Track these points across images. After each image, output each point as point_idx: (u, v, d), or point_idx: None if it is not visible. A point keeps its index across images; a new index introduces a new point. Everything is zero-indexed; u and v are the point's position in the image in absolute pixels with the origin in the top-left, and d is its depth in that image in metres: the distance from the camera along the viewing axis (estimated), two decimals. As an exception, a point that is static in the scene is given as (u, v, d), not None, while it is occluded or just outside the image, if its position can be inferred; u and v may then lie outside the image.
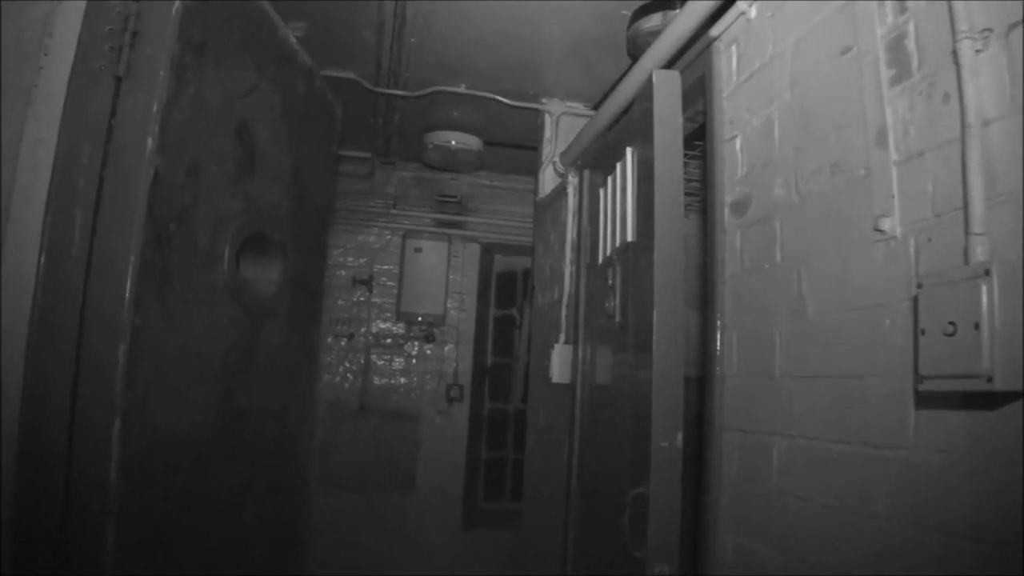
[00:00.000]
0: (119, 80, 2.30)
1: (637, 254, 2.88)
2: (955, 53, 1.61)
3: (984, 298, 1.40)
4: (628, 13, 3.66)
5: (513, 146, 5.88)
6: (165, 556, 2.48)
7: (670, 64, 2.98)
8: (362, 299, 6.71)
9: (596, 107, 4.70)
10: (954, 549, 1.54)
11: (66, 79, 2.29)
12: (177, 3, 2.35)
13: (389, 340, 6.74)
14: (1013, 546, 1.40)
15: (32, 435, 2.13)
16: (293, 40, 3.34)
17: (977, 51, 1.58)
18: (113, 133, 2.28)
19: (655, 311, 2.52)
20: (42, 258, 2.19)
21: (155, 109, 2.28)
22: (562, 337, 4.24)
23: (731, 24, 2.72)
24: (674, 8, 3.35)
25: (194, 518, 2.64)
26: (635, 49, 3.66)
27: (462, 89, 4.87)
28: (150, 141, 2.26)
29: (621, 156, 3.13)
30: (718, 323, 2.67)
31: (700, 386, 2.78)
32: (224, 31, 2.68)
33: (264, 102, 3.01)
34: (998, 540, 1.44)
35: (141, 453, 2.28)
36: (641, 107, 2.90)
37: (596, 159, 3.89)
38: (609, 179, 3.38)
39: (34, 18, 2.31)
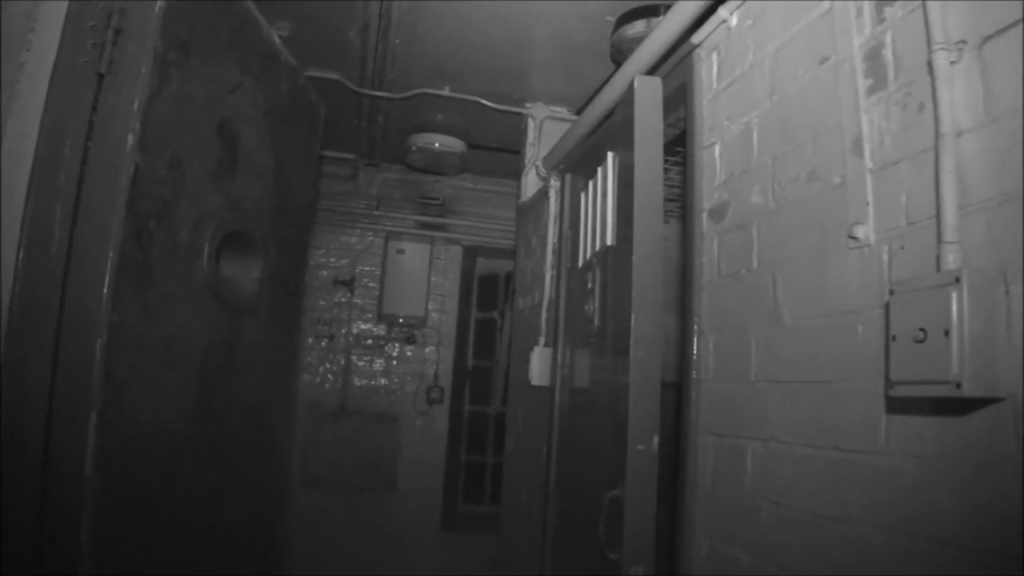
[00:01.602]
0: (101, 76, 2.30)
1: (616, 258, 2.89)
2: (930, 64, 1.63)
3: (954, 305, 1.42)
4: (613, 19, 3.69)
5: (497, 149, 5.89)
6: (143, 552, 2.47)
7: (652, 70, 3.01)
8: (343, 300, 6.70)
9: (579, 112, 4.72)
10: (926, 554, 1.56)
11: (48, 75, 2.28)
12: (161, 1, 2.35)
13: (370, 341, 6.73)
14: (983, 550, 1.42)
15: (9, 429, 2.12)
16: (277, 40, 3.34)
17: (952, 62, 1.60)
18: (94, 129, 2.27)
19: (633, 315, 2.53)
20: (21, 252, 2.18)
21: (137, 106, 2.28)
22: (542, 340, 4.25)
23: (712, 32, 2.75)
24: (658, 15, 3.38)
25: (173, 514, 2.63)
26: (619, 55, 3.69)
27: (446, 92, 4.88)
28: (131, 137, 2.26)
29: (602, 160, 3.15)
30: (695, 328, 2.69)
31: (677, 391, 2.80)
32: (208, 30, 2.68)
33: (247, 101, 3.01)
34: (968, 544, 1.46)
35: (118, 447, 2.27)
36: (623, 112, 2.92)
37: (578, 163, 3.91)
38: (590, 183, 3.40)
39: (17, 13, 2.30)
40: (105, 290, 2.18)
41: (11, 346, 2.15)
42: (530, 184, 5.02)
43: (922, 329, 1.49)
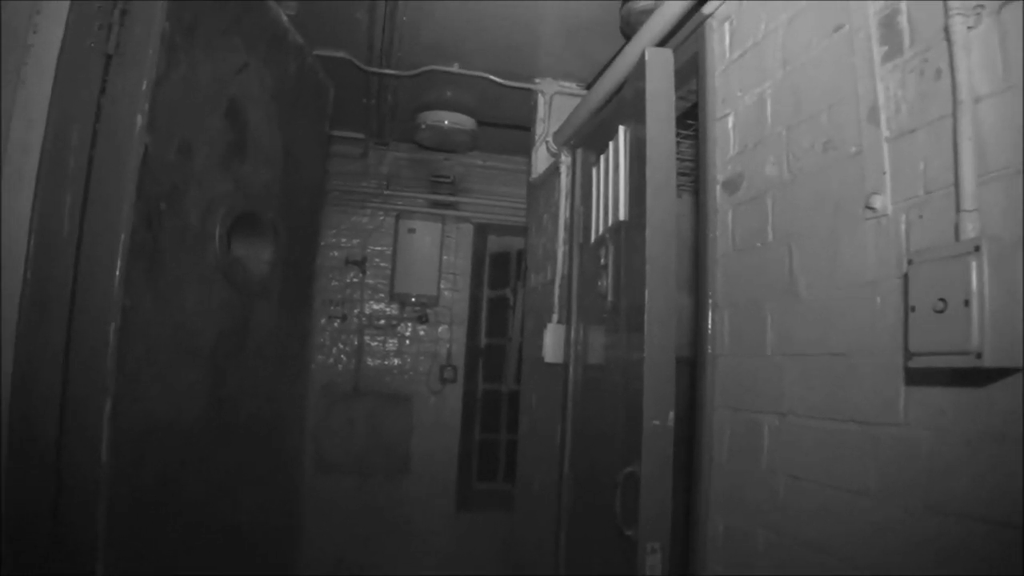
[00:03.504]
0: (109, 58, 2.29)
1: (629, 233, 2.87)
2: (947, 29, 1.60)
3: (974, 275, 1.40)
4: (621, -8, 3.65)
5: (506, 126, 5.86)
6: (158, 539, 2.48)
7: (663, 43, 2.97)
8: (355, 280, 6.69)
9: (589, 87, 4.68)
10: (946, 527, 1.55)
11: (55, 57, 2.27)
12: (167, -21, 2.34)
13: (382, 321, 6.73)
14: (1004, 524, 1.40)
15: (23, 417, 2.13)
16: (284, 19, 3.32)
17: (969, 28, 1.57)
18: (103, 112, 2.27)
19: (647, 289, 2.52)
20: (32, 238, 2.18)
21: (145, 87, 2.28)
22: (555, 317, 4.23)
23: (724, 2, 2.71)
24: (667, -14, 3.33)
25: (187, 499, 2.65)
26: (628, 28, 3.65)
27: (455, 69, 4.84)
28: (140, 119, 2.26)
29: (613, 135, 3.12)
30: (710, 302, 2.67)
31: (692, 367, 2.78)
32: (215, 10, 2.66)
33: (255, 82, 2.99)
34: (989, 518, 1.45)
35: (132, 434, 2.28)
36: (634, 86, 2.89)
37: (589, 138, 3.88)
38: (602, 158, 3.38)
39: (22, -4, 2.29)
40: (117, 275, 2.19)
41: (23, 334, 2.15)
42: (541, 160, 4.99)
43: (942, 299, 1.47)
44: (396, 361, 6.73)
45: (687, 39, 3.00)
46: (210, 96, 2.67)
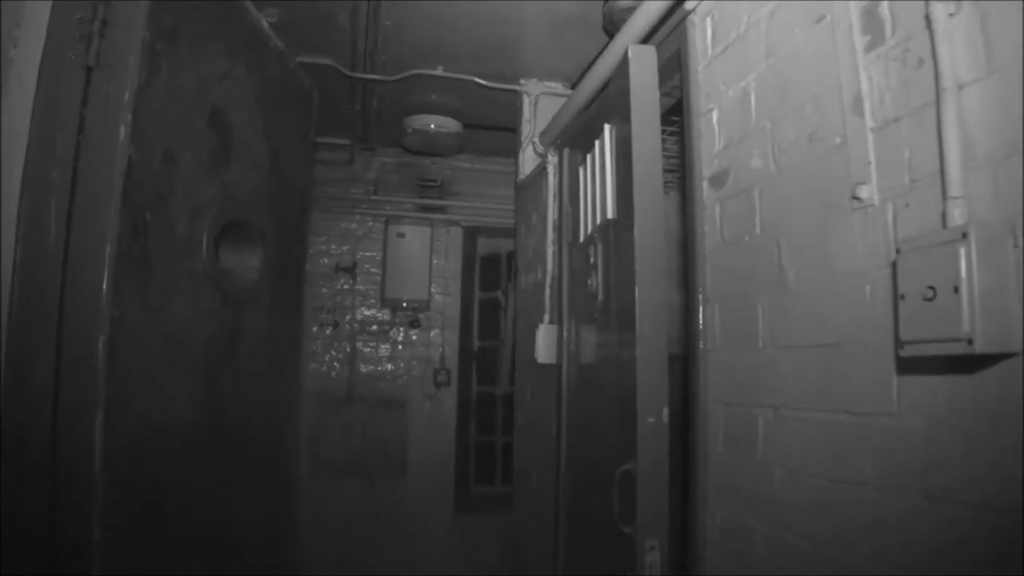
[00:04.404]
0: (90, 69, 2.28)
1: (618, 231, 2.87)
2: (928, 17, 1.60)
3: (962, 261, 1.39)
4: (604, -10, 3.65)
5: (493, 128, 5.86)
6: (155, 548, 2.47)
7: (646, 39, 2.97)
8: (346, 287, 6.69)
9: (574, 86, 4.69)
10: (943, 514, 1.55)
11: (36, 70, 2.26)
12: (147, -10, 2.33)
13: (375, 327, 6.73)
14: (1001, 509, 1.40)
15: (14, 430, 2.12)
16: (265, 25, 3.31)
17: (950, 15, 1.57)
18: (86, 123, 2.26)
19: (637, 287, 2.52)
20: (18, 250, 2.18)
21: (127, 97, 2.27)
22: (547, 317, 4.23)
23: (705, -3, 2.72)
24: (649, -17, 3.34)
25: (183, 508, 2.64)
26: (611, 26, 3.65)
27: (440, 72, 4.85)
28: (123, 129, 2.25)
29: (599, 134, 3.12)
30: (700, 297, 2.67)
31: (684, 362, 2.78)
32: (195, 17, 2.65)
33: (238, 88, 2.99)
34: (985, 503, 1.45)
35: (125, 444, 2.27)
36: (618, 84, 2.89)
37: (575, 138, 3.88)
38: (588, 157, 3.38)
39: (2, 8, 2.28)
40: (104, 285, 2.18)
41: (12, 345, 2.14)
42: (528, 161, 4.99)
43: (931, 287, 1.47)
44: (389, 366, 6.73)
45: (669, 35, 3.00)
46: (193, 103, 2.67)
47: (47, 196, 2.20)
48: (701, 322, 2.66)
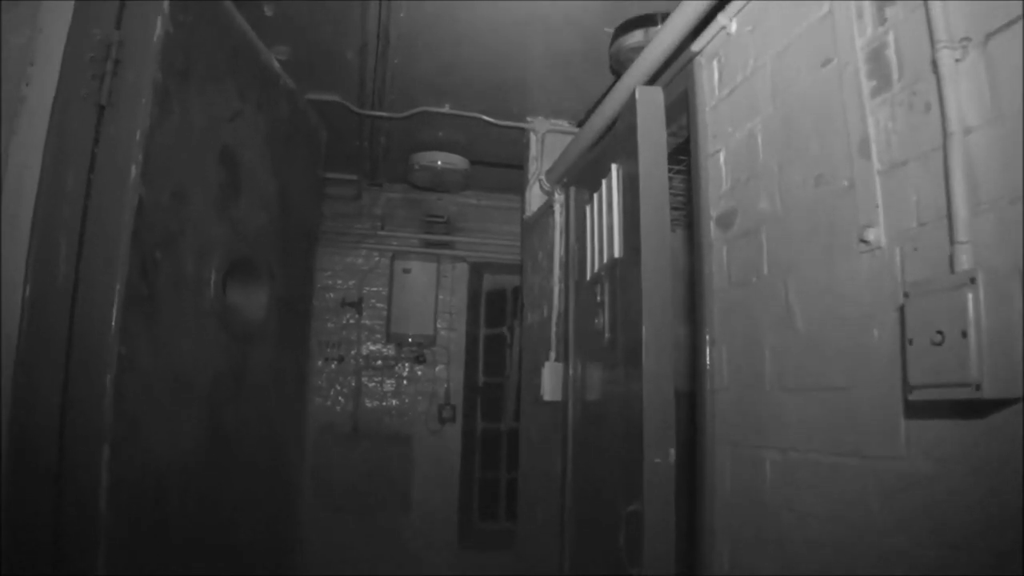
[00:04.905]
0: (102, 108, 2.30)
1: (625, 270, 2.88)
2: (935, 63, 1.62)
3: (970, 306, 1.39)
4: (610, 30, 3.68)
5: (499, 165, 5.89)
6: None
7: (653, 80, 2.99)
8: (352, 321, 6.70)
9: (581, 124, 4.71)
10: (951, 559, 1.54)
11: (49, 108, 2.28)
12: (159, 30, 2.35)
13: (380, 362, 6.72)
14: (1010, 555, 1.39)
15: (20, 467, 2.11)
16: (276, 64, 3.34)
17: (956, 60, 1.59)
18: (97, 161, 2.27)
19: (644, 327, 2.52)
20: (27, 287, 2.18)
21: (138, 136, 2.28)
22: (552, 355, 4.23)
23: (712, 39, 2.73)
24: (655, 25, 3.37)
25: (186, 543, 2.62)
26: (618, 66, 3.68)
27: (447, 109, 4.88)
28: (134, 168, 2.26)
29: (606, 172, 3.14)
30: (707, 337, 2.66)
31: (691, 400, 2.77)
32: (206, 57, 2.68)
33: (248, 127, 3.01)
34: (994, 549, 1.44)
35: (131, 481, 2.26)
36: (625, 123, 2.91)
37: (582, 176, 3.90)
38: (595, 196, 3.39)
39: (15, 46, 2.30)
40: (113, 323, 2.18)
41: (20, 382, 2.14)
42: (534, 198, 5.02)
43: (939, 331, 1.47)
44: (394, 401, 6.71)
45: (676, 76, 3.02)
46: (204, 142, 2.68)
47: (57, 234, 2.21)
48: (708, 362, 2.65)
